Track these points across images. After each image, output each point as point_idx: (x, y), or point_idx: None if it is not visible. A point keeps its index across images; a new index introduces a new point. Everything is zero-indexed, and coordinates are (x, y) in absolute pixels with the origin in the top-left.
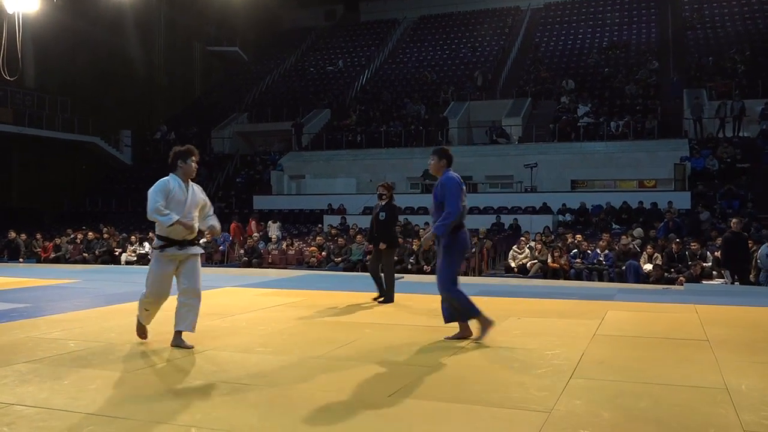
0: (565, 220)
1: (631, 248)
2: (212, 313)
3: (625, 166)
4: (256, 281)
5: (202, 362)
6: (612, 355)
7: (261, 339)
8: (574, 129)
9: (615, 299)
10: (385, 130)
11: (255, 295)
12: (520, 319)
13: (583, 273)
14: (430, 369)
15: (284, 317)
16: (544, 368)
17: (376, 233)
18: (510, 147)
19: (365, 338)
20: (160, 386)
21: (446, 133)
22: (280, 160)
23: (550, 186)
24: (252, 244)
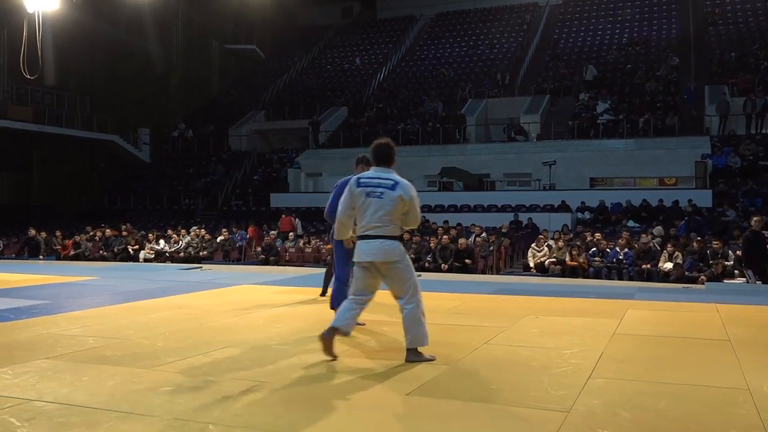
0: (583, 218)
1: (651, 247)
2: (229, 310)
3: (645, 164)
4: (273, 279)
5: (219, 359)
6: (631, 355)
7: (278, 337)
8: (593, 126)
9: (635, 298)
10: (402, 127)
11: (272, 293)
12: (538, 318)
13: (602, 272)
14: (448, 367)
15: (301, 315)
16: (562, 367)
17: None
18: (528, 144)
19: (383, 336)
20: (178, 383)
21: (464, 131)
22: (297, 158)
23: (568, 184)
24: (269, 242)
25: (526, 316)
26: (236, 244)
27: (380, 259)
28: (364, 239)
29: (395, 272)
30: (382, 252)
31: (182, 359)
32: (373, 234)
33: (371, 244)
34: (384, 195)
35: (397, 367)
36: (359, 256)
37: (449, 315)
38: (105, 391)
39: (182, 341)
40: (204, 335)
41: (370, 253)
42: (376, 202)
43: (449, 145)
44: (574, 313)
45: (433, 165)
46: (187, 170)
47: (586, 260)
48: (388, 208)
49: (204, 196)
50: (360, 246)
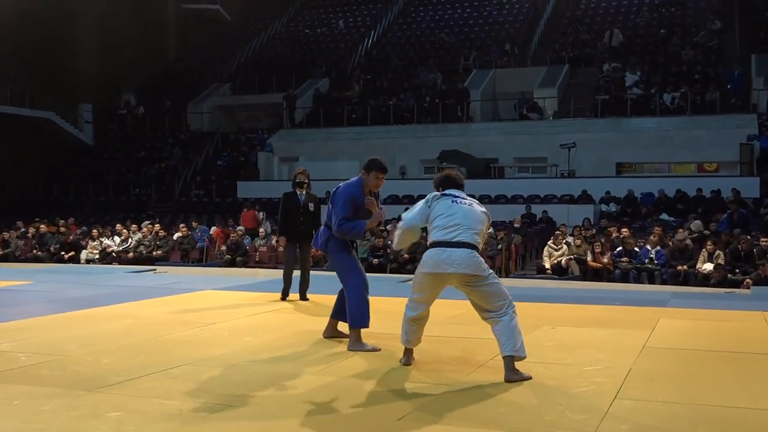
0: (609, 211)
1: (688, 245)
2: (189, 321)
3: (681, 147)
4: (241, 283)
5: (176, 379)
6: (665, 372)
7: (247, 352)
8: (620, 102)
9: (668, 305)
10: (394, 103)
11: (240, 300)
12: (554, 329)
13: (630, 274)
14: (447, 387)
15: (274, 326)
16: (583, 387)
17: (303, 226)
18: (543, 124)
19: (362, 354)
20: (127, 408)
21: (467, 108)
22: (269, 140)
23: (591, 170)
24: (236, 240)
25: (541, 327)
26: (196, 243)
27: (468, 271)
28: (446, 246)
29: (486, 287)
30: (470, 263)
31: (132, 380)
32: (462, 241)
33: (458, 252)
34: (473, 205)
35: (387, 387)
36: (435, 265)
37: (450, 325)
38: (40, 419)
39: (132, 358)
40: (158, 351)
41: (455, 263)
42: (466, 208)
43: (450, 124)
44: (597, 323)
45: (430, 148)
46: (138, 154)
47: (612, 261)
48: (477, 218)
49: (158, 184)
50: (438, 253)
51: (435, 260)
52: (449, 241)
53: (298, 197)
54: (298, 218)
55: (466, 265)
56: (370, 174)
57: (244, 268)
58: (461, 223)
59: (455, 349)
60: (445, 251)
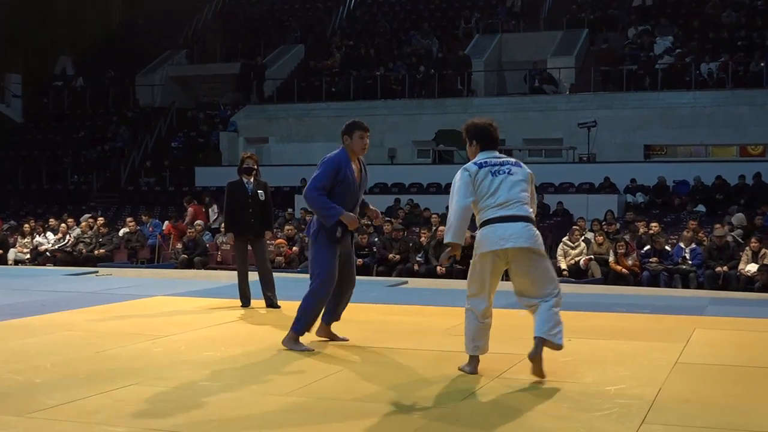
0: (635, 202)
1: (729, 242)
2: (137, 333)
3: (722, 126)
4: (199, 288)
5: (123, 402)
6: (701, 392)
7: (207, 369)
8: (649, 73)
9: (705, 313)
10: (381, 74)
11: (198, 308)
12: (571, 341)
13: (660, 277)
14: (445, 409)
15: (239, 338)
16: (605, 410)
17: (253, 219)
18: (558, 98)
19: (352, 368)
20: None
21: (468, 79)
22: (232, 117)
23: (614, 154)
24: (194, 236)
25: None
26: (147, 240)
27: (526, 244)
28: (501, 221)
29: (539, 265)
30: (529, 236)
31: (70, 402)
32: (515, 214)
33: (514, 226)
34: (512, 171)
35: (374, 412)
36: (494, 242)
37: (448, 337)
38: None
39: (70, 376)
40: (102, 367)
41: (513, 236)
42: (508, 179)
43: (448, 99)
44: (622, 334)
45: (425, 127)
46: (77, 134)
47: (638, 261)
48: (522, 185)
49: (100, 170)
50: (494, 230)
51: (491, 237)
52: (502, 216)
53: (245, 186)
54: (247, 210)
55: (525, 238)
56: (353, 136)
57: (204, 269)
58: (509, 197)
59: (453, 365)
60: (500, 226)
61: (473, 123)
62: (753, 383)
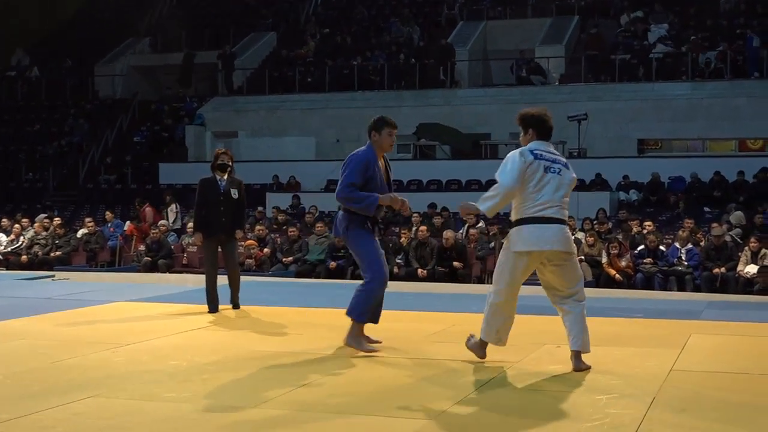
0: (628, 200)
1: (727, 242)
2: (97, 342)
3: (720, 119)
4: (164, 293)
5: (82, 416)
6: (697, 402)
7: (172, 380)
8: (642, 62)
9: (702, 317)
10: (359, 64)
11: (163, 314)
12: (559, 348)
13: (654, 279)
14: (428, 421)
15: (207, 346)
16: (594, 420)
17: (224, 218)
18: (547, 90)
19: (330, 377)
20: None
21: (451, 69)
22: (200, 110)
23: (606, 148)
24: (157, 237)
25: (543, 345)
26: (107, 241)
27: (562, 248)
28: (540, 222)
29: (570, 264)
30: (565, 240)
31: (24, 416)
32: (553, 216)
33: (552, 229)
34: (562, 173)
35: (355, 423)
36: (533, 242)
37: (430, 344)
38: None
39: (25, 387)
40: (58, 379)
41: (550, 240)
42: (556, 179)
43: (430, 90)
44: (614, 340)
45: (405, 120)
46: (31, 128)
47: (632, 262)
48: (566, 189)
49: (57, 167)
50: (533, 230)
51: (529, 237)
52: (541, 217)
53: (218, 183)
54: (218, 209)
55: (562, 242)
56: (382, 133)
57: (169, 273)
58: (552, 199)
59: (436, 373)
60: (539, 227)
61: (528, 112)
62: (751, 392)
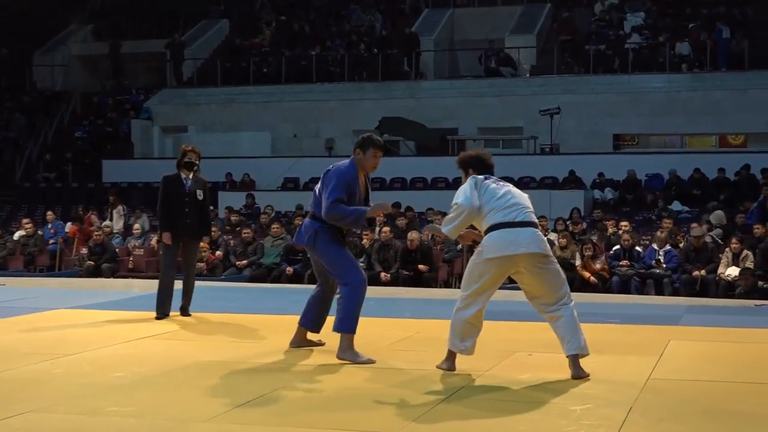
0: (603, 199)
1: (707, 243)
2: (36, 352)
3: (699, 113)
4: (107, 299)
5: (18, 431)
6: (675, 411)
7: (117, 393)
8: (618, 53)
9: (681, 322)
10: (317, 54)
11: (106, 322)
12: (531, 355)
13: (631, 282)
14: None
15: (153, 357)
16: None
17: (189, 220)
18: (517, 82)
19: (287, 390)
20: None
21: (416, 60)
22: (146, 103)
23: (580, 144)
24: (101, 239)
25: (514, 353)
26: (46, 244)
27: (538, 249)
28: (507, 227)
29: (550, 268)
30: (540, 242)
31: None
32: (525, 220)
33: (525, 232)
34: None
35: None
36: (504, 246)
37: (393, 352)
38: None
39: None
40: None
41: (524, 242)
42: (513, 190)
43: (393, 82)
44: (589, 347)
45: (366, 114)
46: None
47: (607, 265)
48: (525, 196)
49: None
50: (504, 235)
51: (502, 242)
52: (513, 221)
53: (183, 182)
54: (182, 209)
55: (537, 244)
56: (367, 152)
57: (114, 278)
58: (519, 203)
59: (399, 383)
60: (512, 231)
61: (466, 154)
62: (733, 401)
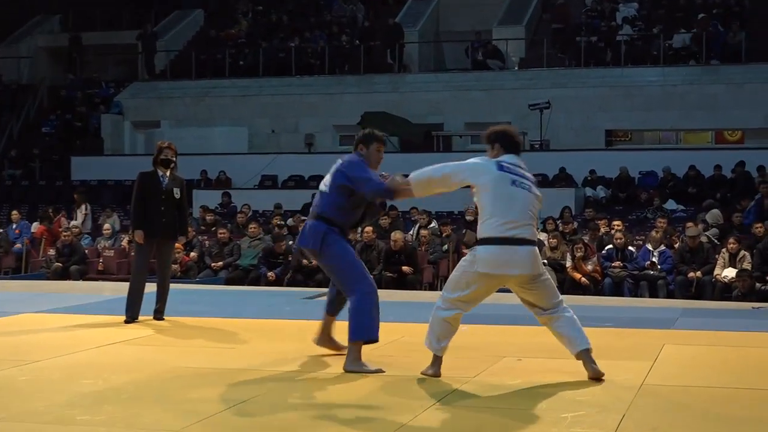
0: (595, 197)
1: (703, 243)
2: (1, 359)
3: (694, 108)
4: (76, 303)
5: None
6: (669, 419)
7: (86, 401)
8: (611, 45)
9: (676, 326)
10: (297, 46)
11: (75, 327)
12: (520, 361)
13: (624, 284)
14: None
15: (125, 363)
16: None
17: (165, 219)
18: (506, 75)
19: (265, 397)
20: None
21: (400, 52)
22: (117, 97)
23: (571, 140)
24: (69, 240)
25: (503, 359)
26: (12, 245)
27: (531, 272)
28: (508, 243)
29: (543, 282)
30: (534, 263)
31: None
32: (524, 237)
33: (521, 252)
34: (531, 189)
35: None
36: (499, 265)
37: (377, 358)
38: None
39: None
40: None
41: (519, 263)
42: (524, 195)
43: (375, 75)
44: None
45: (348, 108)
46: None
47: (599, 266)
48: (535, 207)
49: None
50: (501, 253)
51: (496, 260)
52: (510, 238)
53: (160, 179)
54: (158, 208)
55: (531, 266)
56: (370, 147)
57: (83, 280)
58: (521, 218)
59: (382, 390)
60: (507, 250)
61: (494, 129)
62: (729, 407)
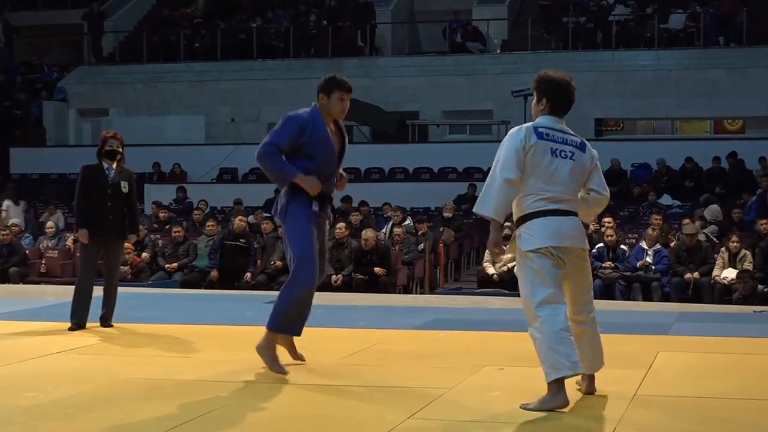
0: None
1: (701, 241)
2: None
3: (691, 95)
4: (16, 308)
5: None
6: (666, 430)
7: (26, 416)
8: (601, 27)
9: (672, 332)
10: (259, 26)
11: (14, 335)
12: (502, 370)
13: (615, 286)
14: None
15: (70, 374)
16: None
17: (112, 216)
18: (487, 59)
19: (223, 410)
20: None
21: (371, 34)
22: (61, 82)
23: None
24: (8, 240)
25: (483, 368)
26: None
27: (581, 245)
28: (554, 215)
29: (587, 265)
30: (582, 236)
31: None
32: (568, 209)
33: (569, 222)
34: (576, 157)
35: None
36: (551, 238)
37: (345, 367)
38: None
39: None
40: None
41: (569, 234)
42: (567, 166)
43: (345, 59)
44: None
45: (314, 95)
46: None
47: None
48: (580, 178)
49: None
50: (547, 223)
51: (546, 231)
52: (555, 210)
53: (106, 173)
54: (104, 204)
55: (581, 239)
56: (331, 96)
57: (23, 283)
58: (564, 191)
59: (352, 403)
60: (556, 219)
61: (550, 76)
62: (727, 420)
